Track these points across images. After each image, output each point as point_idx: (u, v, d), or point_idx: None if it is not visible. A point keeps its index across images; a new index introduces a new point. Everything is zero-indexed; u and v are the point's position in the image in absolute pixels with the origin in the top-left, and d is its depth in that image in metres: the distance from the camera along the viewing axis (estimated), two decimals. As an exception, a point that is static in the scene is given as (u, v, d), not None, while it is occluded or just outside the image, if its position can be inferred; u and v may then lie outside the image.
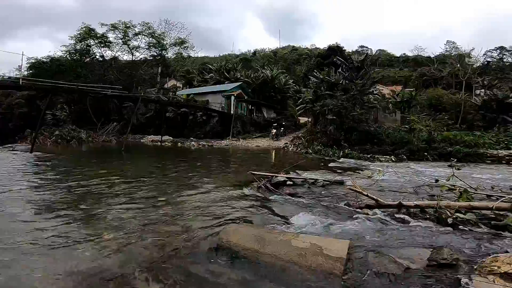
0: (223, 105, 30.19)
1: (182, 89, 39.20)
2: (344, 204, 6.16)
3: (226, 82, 37.26)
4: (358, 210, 5.86)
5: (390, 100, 29.88)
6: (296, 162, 12.67)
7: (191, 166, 11.94)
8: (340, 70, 23.56)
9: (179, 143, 23.48)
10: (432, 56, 58.03)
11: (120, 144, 21.30)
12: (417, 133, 19.09)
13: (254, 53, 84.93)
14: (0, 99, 33.79)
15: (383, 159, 15.79)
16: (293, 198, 6.60)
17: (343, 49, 51.62)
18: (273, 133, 25.85)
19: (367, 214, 5.53)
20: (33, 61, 30.89)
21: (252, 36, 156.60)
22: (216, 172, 10.65)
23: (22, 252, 3.43)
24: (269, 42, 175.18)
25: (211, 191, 7.03)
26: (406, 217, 5.02)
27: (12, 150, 16.84)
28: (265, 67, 40.28)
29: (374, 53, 74.54)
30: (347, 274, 3.00)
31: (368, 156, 16.24)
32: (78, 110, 30.02)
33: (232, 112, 28.95)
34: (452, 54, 45.91)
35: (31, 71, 30.52)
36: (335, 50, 46.71)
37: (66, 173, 9.63)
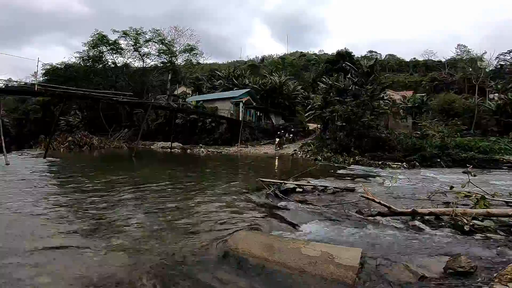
0: (232, 111, 30.32)
1: (191, 95, 39.63)
2: (356, 212, 6.02)
3: (235, 88, 37.50)
4: (369, 218, 5.71)
5: (400, 106, 29.38)
6: (305, 169, 12.54)
7: (200, 173, 11.97)
8: (349, 75, 23.40)
9: (188, 150, 23.63)
10: (443, 60, 57.04)
11: (131, 150, 21.61)
12: (429, 139, 18.66)
13: (262, 59, 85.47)
14: (16, 105, 34.93)
15: (395, 165, 15.45)
16: (302, 205, 6.48)
17: (352, 54, 51.55)
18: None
19: (380, 222, 5.38)
20: (48, 67, 31.88)
21: (260, 43, 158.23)
22: (225, 178, 10.62)
23: (28, 256, 3.42)
24: (276, 48, 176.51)
25: (220, 197, 6.99)
26: (421, 225, 4.86)
27: (27, 155, 17.29)
28: (273, 74, 40.39)
29: (383, 58, 73.97)
30: (359, 283, 2.90)
31: (379, 163, 15.92)
32: (91, 117, 30.74)
33: (240, 118, 29.01)
34: (464, 58, 44.96)
35: (46, 77, 31.43)
36: (344, 56, 46.64)
37: (77, 178, 9.78)
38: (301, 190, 7.89)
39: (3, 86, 16.65)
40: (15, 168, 11.64)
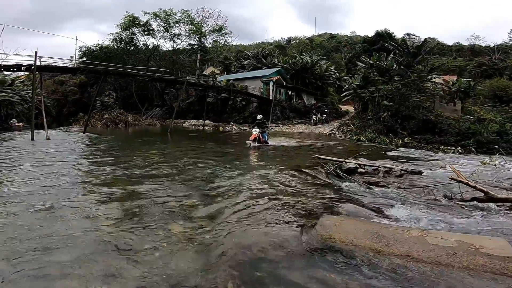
0: (262, 90, 29.50)
1: (220, 75, 39.09)
2: (443, 196, 5.21)
3: (264, 68, 36.37)
4: (462, 203, 4.89)
5: (444, 90, 27.08)
6: (348, 148, 11.71)
7: (240, 149, 11.50)
8: (392, 55, 21.93)
9: (220, 127, 23.43)
10: (491, 45, 51.76)
11: (163, 127, 21.79)
12: (486, 124, 16.84)
13: (289, 40, 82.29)
14: (55, 87, 36.37)
15: (448, 150, 14.09)
16: (374, 188, 5.76)
17: (393, 35, 48.13)
18: (313, 119, 25.24)
19: (481, 208, 4.56)
20: (84, 49, 32.65)
21: (285, 24, 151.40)
22: (270, 155, 10.05)
23: (78, 251, 2.75)
24: (303, 30, 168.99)
25: (273, 175, 6.34)
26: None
27: (68, 131, 17.88)
28: (303, 54, 38.51)
29: (421, 41, 68.20)
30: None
31: (430, 146, 14.59)
32: (124, 96, 31.35)
33: (271, 97, 28.15)
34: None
35: (83, 59, 32.27)
36: (384, 36, 43.76)
37: (121, 153, 9.69)
38: (363, 170, 7.14)
39: (46, 65, 16.96)
40: (61, 142, 11.91)
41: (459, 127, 16.70)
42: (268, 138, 12.02)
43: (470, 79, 33.68)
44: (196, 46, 36.60)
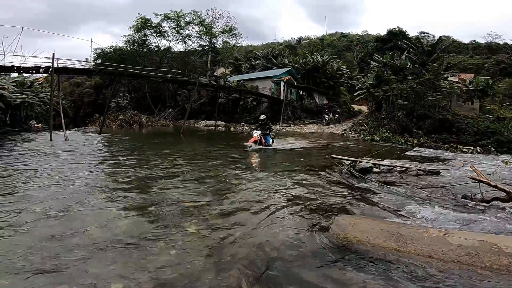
0: (273, 90, 29.44)
1: (231, 76, 39.30)
2: (462, 197, 5.05)
3: (274, 68, 36.32)
4: (482, 203, 4.74)
5: (461, 88, 26.29)
6: (362, 148, 11.53)
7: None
8: (405, 54, 21.50)
9: (231, 128, 23.56)
10: (511, 42, 49.92)
11: (176, 128, 22.10)
12: (506, 123, 16.22)
13: (299, 40, 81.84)
14: (72, 89, 37.44)
15: (466, 149, 13.66)
16: (390, 187, 5.64)
17: (406, 33, 47.18)
18: (326, 119, 24.98)
19: (502, 208, 4.41)
20: (98, 51, 33.51)
21: (295, 24, 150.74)
22: (282, 155, 10.01)
23: (94, 248, 2.80)
24: (313, 29, 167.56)
25: (289, 175, 6.34)
26: None
27: (85, 132, 18.40)
28: (314, 53, 38.18)
29: (436, 39, 66.30)
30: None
31: (447, 146, 14.18)
32: (138, 98, 31.99)
33: (282, 97, 28.06)
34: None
35: (98, 61, 33.10)
36: (397, 34, 43.05)
37: (135, 152, 9.88)
38: (378, 170, 7.01)
39: (63, 67, 17.49)
40: (78, 143, 12.26)
41: (478, 126, 16.14)
42: (272, 142, 11.12)
43: (488, 77, 32.57)
44: (207, 47, 36.95)
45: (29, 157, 8.13)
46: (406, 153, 11.52)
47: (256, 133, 10.59)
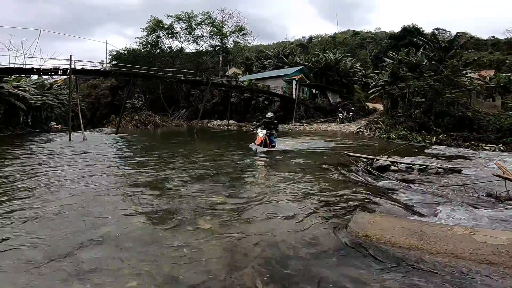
0: (285, 89, 29.29)
1: (242, 75, 39.41)
2: (486, 195, 4.84)
3: (286, 66, 36.16)
4: (509, 202, 4.52)
5: (482, 85, 25.30)
6: (378, 146, 11.27)
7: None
8: (421, 50, 20.92)
9: (244, 127, 23.61)
10: None
11: (190, 128, 22.37)
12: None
13: (310, 39, 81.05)
14: (89, 91, 38.54)
15: (488, 147, 13.11)
16: (410, 185, 5.48)
17: (422, 30, 45.99)
18: (340, 117, 24.62)
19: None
20: (113, 53, 34.35)
21: (305, 23, 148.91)
22: (300, 153, 9.88)
23: (110, 246, 2.84)
24: (324, 28, 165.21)
25: (304, 173, 6.28)
26: None
27: (102, 132, 18.90)
28: (326, 51, 37.74)
29: (453, 36, 63.93)
30: None
31: (467, 143, 13.67)
32: (152, 99, 32.62)
33: (294, 96, 27.87)
34: None
35: (113, 62, 33.92)
36: (412, 31, 42.09)
37: (151, 152, 10.04)
38: (396, 168, 6.82)
39: (80, 68, 18.04)
40: (96, 142, 12.58)
41: (500, 123, 15.47)
42: (276, 142, 9.94)
43: (510, 73, 31.22)
44: (218, 47, 37.21)
45: (50, 157, 8.42)
46: (425, 151, 11.18)
47: (262, 133, 9.36)
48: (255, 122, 25.91)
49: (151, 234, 3.12)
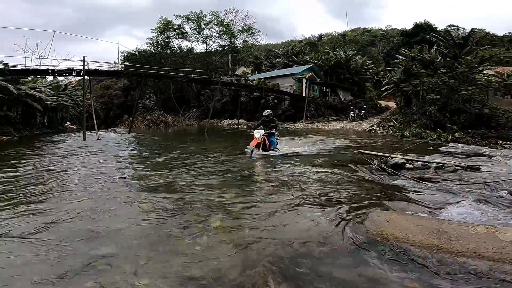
0: (295, 88, 29.12)
1: (251, 75, 39.46)
2: (509, 193, 4.65)
3: (295, 65, 35.97)
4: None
5: (499, 82, 24.50)
6: (392, 144, 11.04)
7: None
8: (435, 47, 20.43)
9: (253, 126, 23.60)
10: None
11: (200, 127, 22.57)
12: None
13: (320, 37, 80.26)
14: (102, 91, 39.42)
15: (507, 145, 12.64)
16: (427, 183, 5.33)
17: (434, 26, 44.83)
18: (351, 115, 24.41)
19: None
20: (125, 54, 35.01)
21: (314, 21, 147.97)
22: (307, 151, 9.80)
23: (122, 243, 2.84)
24: (333, 26, 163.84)
25: (314, 171, 6.19)
26: None
27: (115, 132, 19.28)
28: (337, 49, 37.29)
29: (467, 32, 61.73)
30: None
31: (484, 141, 13.24)
32: (163, 99, 33.09)
33: (304, 94, 27.67)
34: None
35: (125, 63, 34.57)
36: (424, 28, 41.17)
37: (164, 150, 10.15)
38: (411, 166, 6.66)
39: (93, 69, 18.44)
40: (110, 142, 12.82)
41: (520, 120, 14.95)
42: (276, 144, 8.59)
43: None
44: (227, 47, 37.37)
45: (67, 156, 8.64)
46: (440, 148, 10.88)
47: (259, 134, 8.10)
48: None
49: (163, 231, 3.13)
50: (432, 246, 2.55)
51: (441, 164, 6.64)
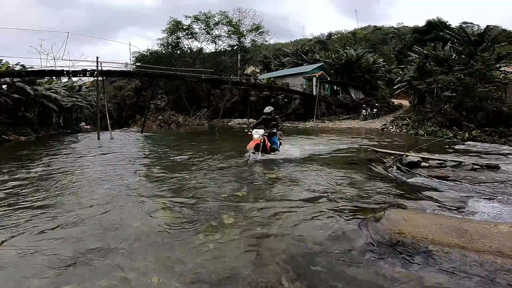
0: (305, 86, 28.92)
1: (260, 74, 39.46)
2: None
3: (305, 64, 35.71)
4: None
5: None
6: (406, 143, 10.81)
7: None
8: (450, 44, 19.91)
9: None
10: None
11: (211, 126, 22.76)
12: None
13: (330, 35, 79.45)
14: (115, 92, 40.21)
15: (528, 144, 12.20)
16: (444, 182, 5.18)
17: (448, 23, 43.66)
18: (363, 114, 24.10)
19: None
20: (136, 55, 35.65)
21: (323, 19, 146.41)
22: (326, 149, 9.68)
23: (135, 242, 2.84)
24: (343, 24, 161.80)
25: (327, 169, 6.15)
26: None
27: (128, 132, 19.64)
28: (347, 47, 36.82)
29: (483, 29, 59.58)
30: None
31: (503, 140, 12.82)
32: (174, 99, 33.53)
33: (315, 93, 27.45)
34: None
35: (137, 64, 35.19)
36: (437, 25, 40.18)
37: (176, 148, 10.26)
38: (427, 164, 6.49)
39: (107, 70, 18.83)
40: (124, 141, 13.06)
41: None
42: (278, 145, 7.54)
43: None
44: (236, 46, 37.58)
45: (83, 154, 8.86)
46: (456, 147, 10.59)
47: (258, 134, 6.95)
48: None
49: (175, 229, 3.14)
50: (453, 245, 2.48)
51: (458, 163, 6.44)
